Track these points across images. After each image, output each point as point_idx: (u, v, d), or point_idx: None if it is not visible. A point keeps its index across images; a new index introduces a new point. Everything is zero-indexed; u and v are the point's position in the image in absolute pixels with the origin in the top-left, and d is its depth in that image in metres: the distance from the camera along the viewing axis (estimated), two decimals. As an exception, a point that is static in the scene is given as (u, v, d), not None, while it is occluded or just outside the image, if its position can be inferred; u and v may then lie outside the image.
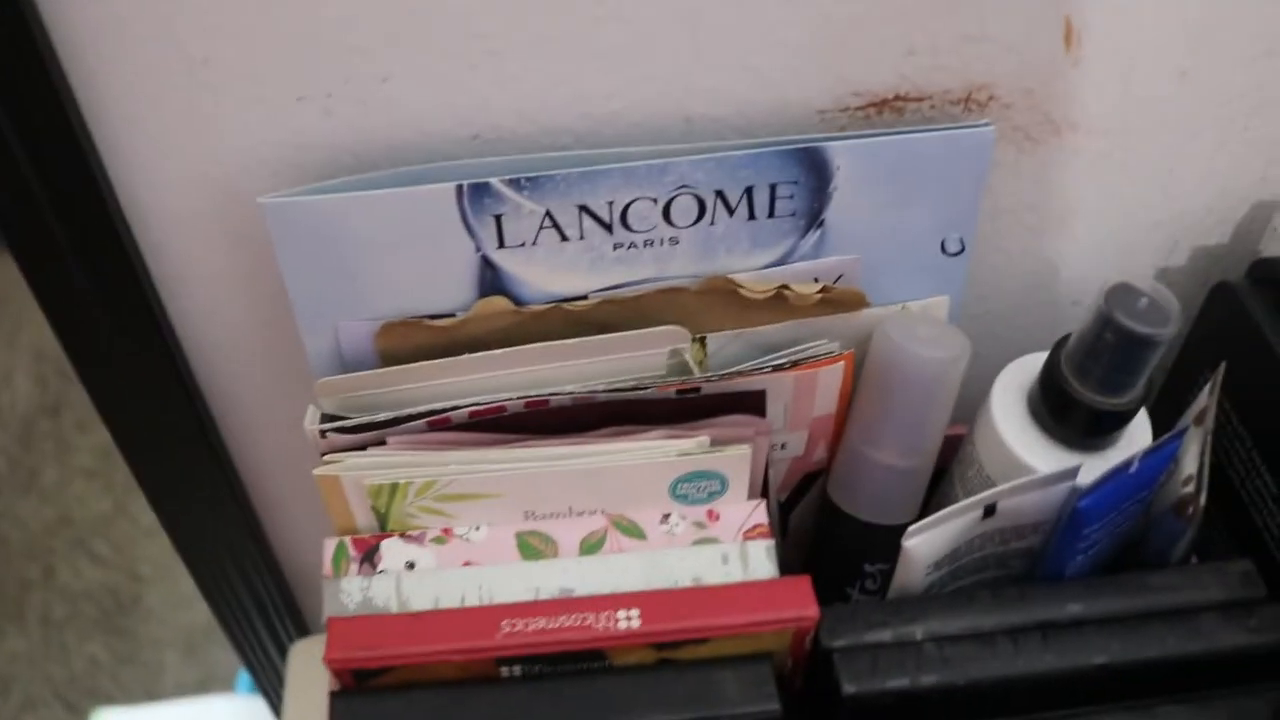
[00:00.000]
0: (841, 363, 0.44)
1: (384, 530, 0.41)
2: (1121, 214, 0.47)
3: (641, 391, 0.40)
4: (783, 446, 0.46)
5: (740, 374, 0.42)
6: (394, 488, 0.40)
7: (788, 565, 0.42)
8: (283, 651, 0.62)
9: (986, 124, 0.41)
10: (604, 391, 0.40)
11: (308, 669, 0.60)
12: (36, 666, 1.29)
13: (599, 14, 0.37)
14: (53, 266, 0.41)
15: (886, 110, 0.41)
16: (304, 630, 0.62)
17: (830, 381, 0.44)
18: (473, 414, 0.40)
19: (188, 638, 1.32)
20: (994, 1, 0.39)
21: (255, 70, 0.37)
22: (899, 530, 0.41)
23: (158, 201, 0.41)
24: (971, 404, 0.45)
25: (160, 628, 1.33)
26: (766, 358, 0.43)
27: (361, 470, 0.40)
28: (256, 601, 0.58)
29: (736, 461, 0.41)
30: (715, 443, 0.41)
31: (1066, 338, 0.41)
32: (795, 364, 0.43)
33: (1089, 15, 0.40)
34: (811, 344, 0.44)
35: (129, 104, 0.38)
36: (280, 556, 0.58)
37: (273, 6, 0.36)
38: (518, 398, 0.40)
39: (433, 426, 0.40)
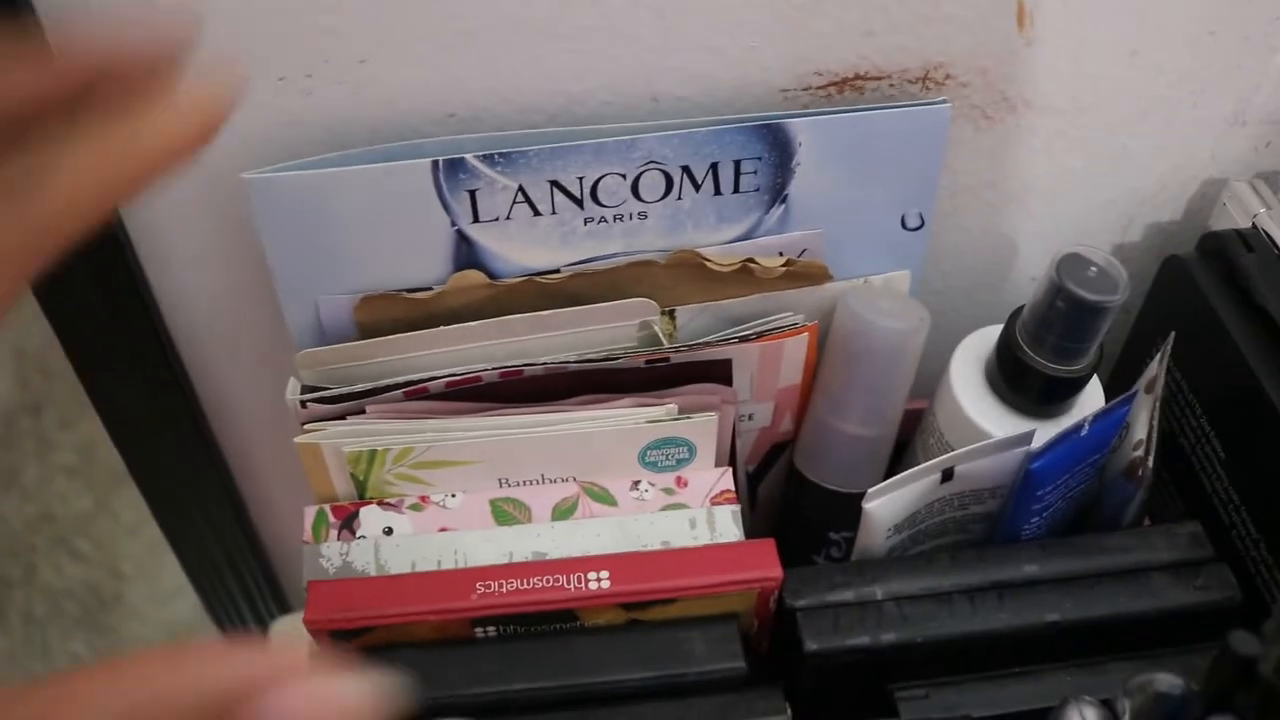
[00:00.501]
0: (806, 334, 0.45)
1: (362, 497, 0.42)
2: (1076, 191, 0.49)
3: (613, 362, 0.42)
4: (750, 417, 0.48)
5: (708, 345, 0.43)
6: (372, 455, 0.41)
7: (756, 535, 0.43)
8: (263, 626, 0.63)
9: (943, 101, 0.42)
10: (576, 362, 0.42)
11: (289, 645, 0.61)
12: (19, 664, 1.29)
13: (568, -5, 0.38)
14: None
15: (847, 89, 0.43)
16: (285, 608, 0.63)
17: (795, 352, 0.46)
18: (449, 384, 0.42)
19: (169, 634, 1.32)
20: (948, -17, 0.40)
21: (237, 51, 0.38)
22: (862, 498, 0.42)
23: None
24: (933, 377, 0.47)
25: (142, 625, 1.33)
26: (733, 329, 0.44)
27: (341, 438, 0.41)
28: (239, 579, 0.60)
29: (703, 428, 0.42)
30: (683, 411, 0.42)
31: (1021, 309, 0.43)
32: (761, 335, 0.44)
33: (1040, -4, 0.42)
34: (776, 316, 0.45)
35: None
36: (262, 532, 0.59)
37: (252, -13, 0.37)
38: (493, 368, 0.41)
39: (410, 396, 0.42)
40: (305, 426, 0.41)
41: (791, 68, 0.42)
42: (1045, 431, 0.43)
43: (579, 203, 0.42)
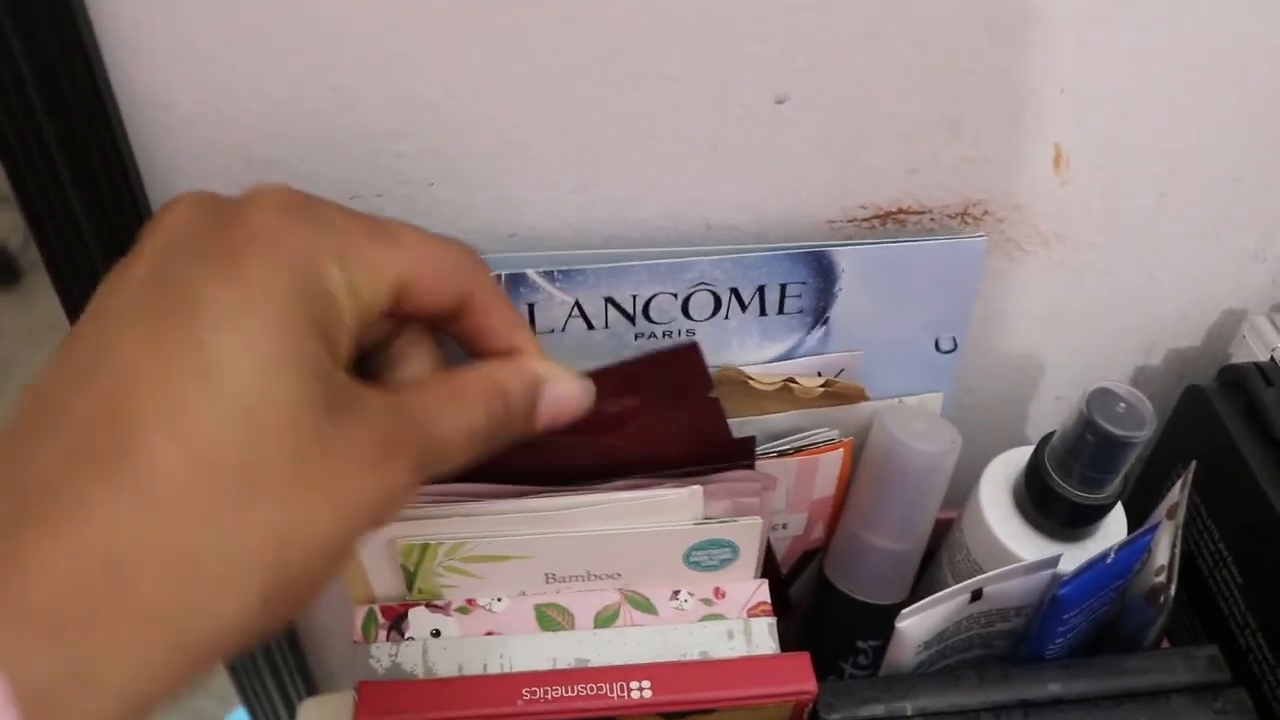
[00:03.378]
0: (840, 450, 0.47)
1: (410, 588, 0.43)
2: (1102, 318, 0.51)
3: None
4: (784, 526, 0.49)
5: None
6: (424, 548, 0.42)
7: (786, 636, 0.44)
8: (290, 708, 0.64)
9: (980, 236, 0.45)
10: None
11: (314, 725, 0.61)
12: None
13: (631, 129, 0.40)
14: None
15: (890, 221, 0.45)
16: (312, 689, 0.64)
17: (830, 467, 0.47)
18: None
19: (196, 715, 1.32)
20: (990, 127, 0.42)
21: (312, 172, 0.40)
22: (891, 608, 0.44)
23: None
24: (960, 487, 0.48)
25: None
26: (772, 444, 0.46)
27: (394, 531, 0.42)
28: (267, 657, 0.60)
29: (748, 531, 0.43)
30: (717, 501, 0.43)
31: (1050, 436, 0.45)
32: (798, 450, 0.46)
33: (1076, 141, 0.44)
34: (813, 431, 0.47)
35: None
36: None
37: (331, 117, 0.39)
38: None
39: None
40: None
41: (838, 200, 0.44)
42: (1070, 554, 0.44)
43: (631, 319, 0.44)
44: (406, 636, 0.43)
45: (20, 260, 1.62)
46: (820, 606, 0.52)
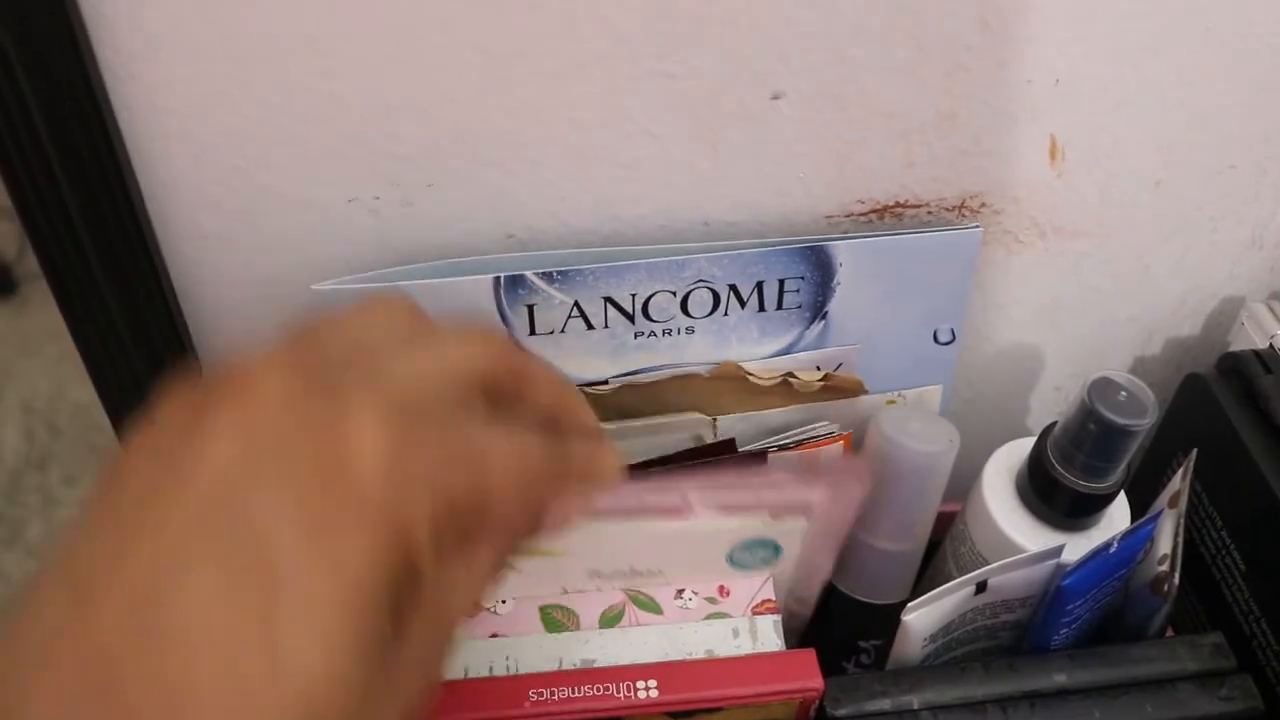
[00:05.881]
0: (840, 443, 0.47)
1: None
2: (1100, 308, 0.51)
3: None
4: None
5: (749, 454, 0.45)
6: None
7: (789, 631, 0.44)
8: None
9: (975, 226, 0.45)
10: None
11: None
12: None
13: (629, 130, 0.40)
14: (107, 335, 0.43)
15: (888, 215, 0.45)
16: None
17: (830, 460, 0.47)
18: None
19: None
20: (987, 121, 0.42)
21: (309, 175, 0.40)
22: (892, 608, 0.44)
23: (215, 292, 0.43)
24: (961, 479, 0.48)
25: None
26: (773, 439, 0.46)
27: None
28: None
29: (791, 532, 0.43)
30: (774, 515, 0.43)
31: (1052, 426, 0.45)
32: (799, 444, 0.46)
33: (1072, 133, 0.44)
34: (813, 425, 0.47)
35: (199, 218, 0.41)
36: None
37: (328, 120, 0.39)
38: None
39: None
40: None
41: (837, 196, 0.44)
42: (1074, 544, 0.44)
43: (630, 318, 0.44)
44: (412, 640, 0.43)
45: (15, 271, 1.61)
46: (821, 607, 0.51)
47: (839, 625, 0.51)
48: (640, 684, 0.41)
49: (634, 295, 0.43)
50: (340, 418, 0.23)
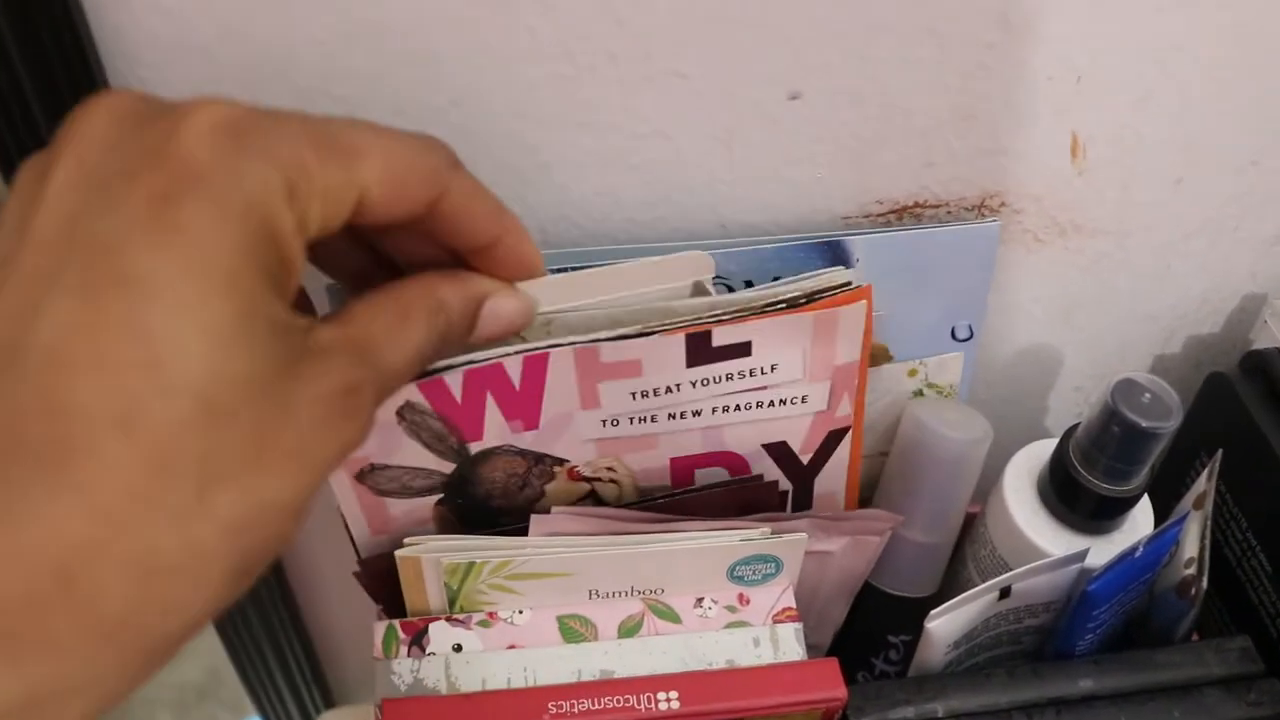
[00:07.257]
0: (863, 301, 0.38)
1: (453, 605, 0.43)
2: (1120, 307, 0.50)
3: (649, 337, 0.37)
4: (803, 400, 0.42)
5: (753, 314, 0.38)
6: (470, 566, 0.41)
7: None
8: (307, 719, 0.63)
9: (994, 220, 0.44)
10: (607, 339, 0.37)
11: (333, 738, 0.61)
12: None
13: (643, 131, 0.40)
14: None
15: (906, 216, 0.44)
16: (329, 699, 0.63)
17: (852, 323, 0.40)
18: (467, 373, 0.37)
19: (180, 696, 1.31)
20: (1007, 119, 0.42)
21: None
22: (922, 602, 0.43)
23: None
24: (981, 480, 0.47)
25: (152, 686, 1.32)
26: (778, 287, 0.39)
27: (440, 552, 0.41)
28: (284, 668, 0.60)
29: (791, 546, 0.42)
30: (774, 531, 0.42)
31: (1074, 428, 0.44)
32: (811, 300, 0.38)
33: (1093, 130, 0.43)
34: (823, 271, 0.39)
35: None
36: (309, 624, 0.59)
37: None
38: (515, 351, 0.37)
39: (424, 390, 0.37)
40: (405, 540, 0.41)
41: (855, 197, 0.43)
42: (1097, 547, 0.44)
43: (647, 317, 0.43)
44: (428, 652, 0.42)
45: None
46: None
47: (868, 618, 0.50)
48: (661, 695, 0.40)
49: (650, 292, 0.42)
50: (172, 123, 0.23)
